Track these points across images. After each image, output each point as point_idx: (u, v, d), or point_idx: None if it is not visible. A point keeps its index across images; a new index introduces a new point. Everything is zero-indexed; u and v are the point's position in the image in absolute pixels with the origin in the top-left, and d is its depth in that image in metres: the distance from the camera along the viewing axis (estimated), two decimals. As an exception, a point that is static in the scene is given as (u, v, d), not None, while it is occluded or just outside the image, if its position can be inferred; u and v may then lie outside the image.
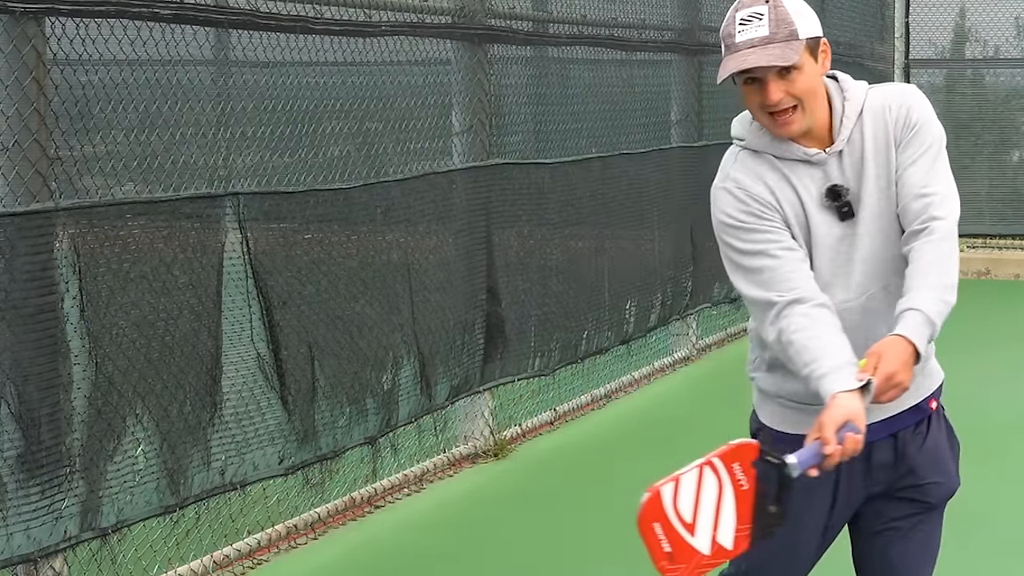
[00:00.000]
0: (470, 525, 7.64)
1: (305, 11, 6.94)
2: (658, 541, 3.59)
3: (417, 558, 7.07)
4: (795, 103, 3.97)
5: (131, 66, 5.99)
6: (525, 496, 8.18)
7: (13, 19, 5.38)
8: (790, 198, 4.06)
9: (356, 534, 7.38)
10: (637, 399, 10.35)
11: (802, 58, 3.94)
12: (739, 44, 3.94)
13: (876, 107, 4.12)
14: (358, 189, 7.33)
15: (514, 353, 8.66)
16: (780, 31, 3.92)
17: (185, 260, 6.23)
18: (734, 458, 3.70)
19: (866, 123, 4.11)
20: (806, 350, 3.88)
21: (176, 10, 6.07)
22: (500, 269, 8.55)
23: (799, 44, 3.93)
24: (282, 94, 7.12)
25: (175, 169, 6.40)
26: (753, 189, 4.06)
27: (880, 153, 4.08)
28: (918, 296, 3.88)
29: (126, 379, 5.89)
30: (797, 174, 4.07)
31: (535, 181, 8.90)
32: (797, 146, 4.04)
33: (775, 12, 3.93)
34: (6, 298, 5.36)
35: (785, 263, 4.00)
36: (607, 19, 9.59)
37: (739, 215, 4.06)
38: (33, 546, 5.52)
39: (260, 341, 6.64)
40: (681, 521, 3.62)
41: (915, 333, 3.80)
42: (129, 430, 5.93)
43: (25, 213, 5.43)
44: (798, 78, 3.95)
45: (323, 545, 7.20)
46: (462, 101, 8.41)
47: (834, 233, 4.08)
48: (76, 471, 5.68)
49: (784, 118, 3.99)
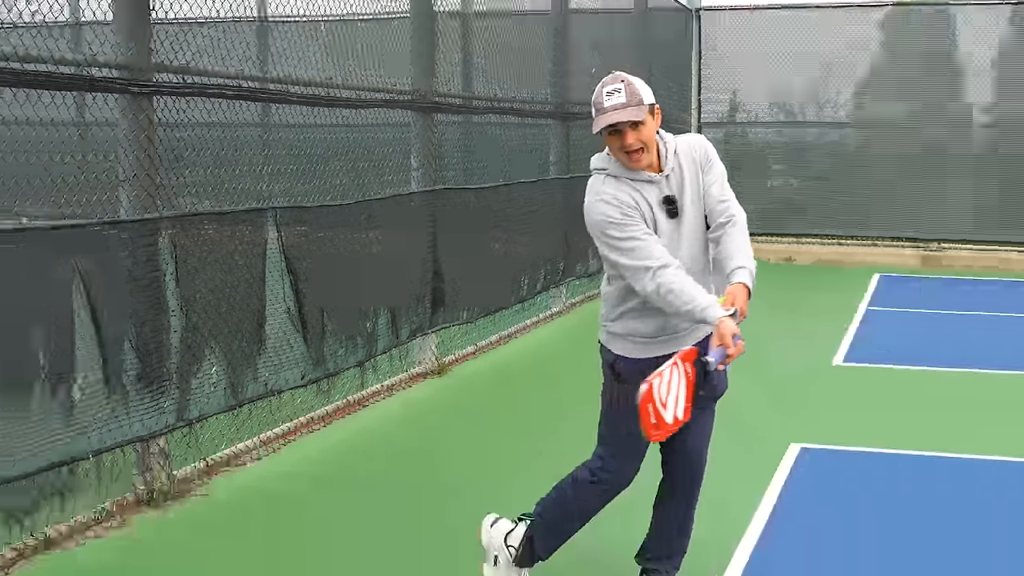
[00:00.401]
0: (424, 419, 7.61)
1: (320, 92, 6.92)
2: (649, 416, 3.71)
3: (392, 440, 7.08)
4: (641, 146, 4.04)
5: (206, 127, 5.96)
6: (458, 401, 8.16)
7: (134, 97, 5.39)
8: (641, 204, 4.11)
9: (351, 424, 7.34)
10: (529, 338, 10.35)
11: (646, 117, 4.03)
12: (607, 108, 4.00)
13: (685, 148, 4.22)
14: (352, 205, 7.30)
15: (450, 309, 8.66)
16: (632, 99, 4.00)
17: (241, 250, 6.20)
18: (686, 358, 3.85)
19: (681, 158, 4.19)
20: (684, 293, 3.94)
21: (238, 91, 6.08)
22: (441, 257, 8.52)
23: (644, 108, 4.02)
24: (304, 144, 7.09)
25: (235, 192, 6.41)
26: (620, 198, 4.10)
27: (692, 177, 4.18)
28: (741, 259, 4.08)
29: (204, 325, 5.88)
30: (644, 190, 4.13)
31: (464, 200, 8.90)
32: (644, 172, 4.11)
33: (628, 87, 4.02)
34: (130, 274, 5.37)
35: (650, 242, 4.05)
36: (509, 97, 9.63)
37: (614, 215, 4.09)
38: (145, 431, 5.54)
39: (289, 301, 6.61)
40: (662, 403, 3.75)
41: (749, 281, 4.00)
42: (206, 357, 5.92)
43: (141, 220, 5.45)
44: (643, 129, 4.03)
45: (329, 431, 7.16)
46: (417, 149, 8.37)
47: (668, 226, 4.14)
48: (173, 383, 5.68)
49: (636, 156, 4.06)
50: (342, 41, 7.24)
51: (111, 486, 5.53)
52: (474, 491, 5.96)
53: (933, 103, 15.87)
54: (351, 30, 7.38)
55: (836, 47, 16.19)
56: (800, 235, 15.27)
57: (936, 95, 15.85)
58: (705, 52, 16.90)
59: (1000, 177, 15.71)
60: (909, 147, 15.99)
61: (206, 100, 5.86)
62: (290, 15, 6.60)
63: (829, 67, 16.41)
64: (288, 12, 6.58)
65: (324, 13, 6.93)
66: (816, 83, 16.63)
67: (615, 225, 4.09)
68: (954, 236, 15.88)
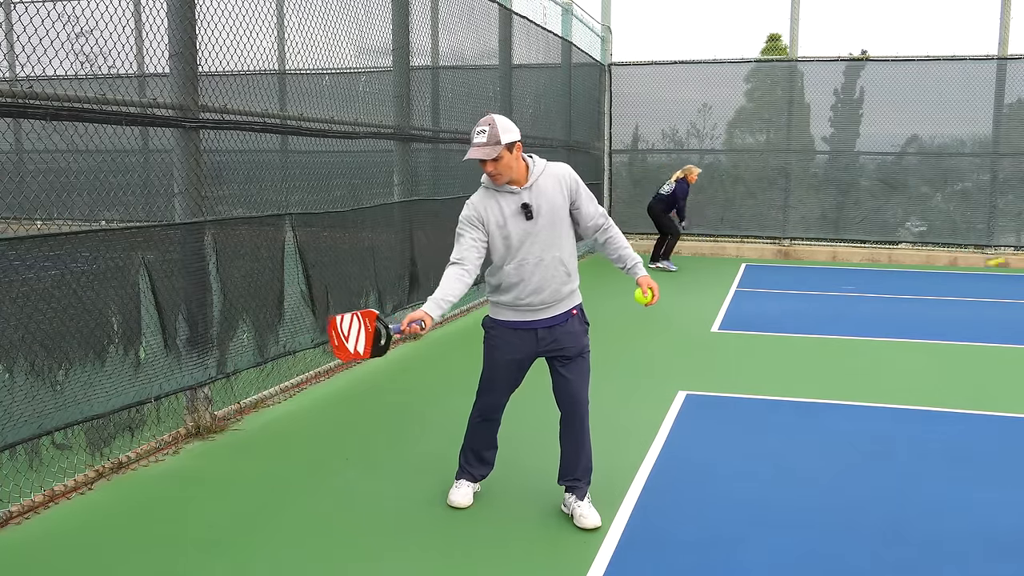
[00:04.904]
0: (404, 368, 7.54)
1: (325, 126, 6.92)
2: (333, 339, 3.99)
3: (375, 384, 7.03)
4: (498, 172, 4.10)
5: (240, 153, 5.95)
6: (431, 352, 8.12)
7: (186, 131, 5.40)
8: (495, 212, 4.17)
9: (348, 376, 7.31)
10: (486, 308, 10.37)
11: (500, 153, 4.05)
12: (474, 144, 4.08)
13: (554, 172, 4.23)
14: (349, 211, 7.29)
15: (422, 289, 8.66)
16: (491, 140, 4.05)
17: (266, 245, 6.21)
18: (366, 315, 4.02)
19: (547, 178, 4.20)
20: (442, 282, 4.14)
21: (263, 126, 6.07)
22: (416, 249, 8.54)
23: (501, 147, 4.05)
24: (312, 166, 7.08)
25: (261, 202, 6.41)
26: (477, 206, 4.20)
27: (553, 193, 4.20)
28: (633, 257, 4.25)
29: (238, 301, 5.89)
30: (503, 199, 4.18)
31: (433, 207, 8.90)
32: (506, 186, 4.15)
33: (491, 129, 4.06)
34: (183, 262, 5.40)
35: (467, 244, 4.18)
36: (465, 130, 9.69)
37: (465, 216, 4.22)
38: (194, 381, 5.57)
39: (302, 284, 6.61)
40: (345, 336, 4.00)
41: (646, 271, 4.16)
42: (239, 326, 5.94)
43: (191, 223, 5.46)
44: (499, 162, 4.07)
45: (333, 381, 7.14)
46: (399, 169, 8.38)
47: (524, 226, 4.16)
48: (214, 345, 5.71)
49: (496, 177, 4.12)
50: (342, 88, 7.23)
51: (168, 423, 5.61)
52: (463, 400, 6.02)
53: (785, 135, 16.11)
54: (349, 80, 7.37)
55: (713, 93, 16.39)
56: (684, 234, 15.39)
57: (787, 129, 16.08)
58: (615, 96, 16.96)
59: (835, 190, 15.99)
60: (768, 168, 16.22)
61: (240, 132, 5.89)
62: (303, 68, 6.61)
63: (707, 108, 16.59)
64: (301, 66, 6.59)
65: (328, 67, 6.95)
66: (697, 120, 16.78)
67: (461, 221, 4.24)
68: (801, 234, 16.13)
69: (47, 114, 4.34)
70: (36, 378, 4.41)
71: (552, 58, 13.35)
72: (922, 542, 4.21)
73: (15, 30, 4.46)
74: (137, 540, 4.22)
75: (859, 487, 4.91)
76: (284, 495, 4.79)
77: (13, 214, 4.69)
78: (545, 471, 4.91)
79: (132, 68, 5.03)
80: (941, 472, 5.15)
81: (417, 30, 8.48)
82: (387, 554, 4.10)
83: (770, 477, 5.05)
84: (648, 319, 9.81)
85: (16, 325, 4.28)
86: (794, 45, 15.82)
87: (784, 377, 7.38)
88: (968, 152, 15.54)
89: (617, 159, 17.09)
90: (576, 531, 4.31)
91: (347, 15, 7.19)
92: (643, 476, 5.04)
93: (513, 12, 11.05)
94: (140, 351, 5.08)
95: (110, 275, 4.85)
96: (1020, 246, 15.34)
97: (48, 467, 4.74)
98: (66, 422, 4.61)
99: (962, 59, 15.21)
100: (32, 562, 4.00)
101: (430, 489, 4.82)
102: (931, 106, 15.30)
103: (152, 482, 4.97)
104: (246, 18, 5.89)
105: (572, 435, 4.41)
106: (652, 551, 4.09)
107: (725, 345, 8.66)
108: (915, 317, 10.21)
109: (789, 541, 4.20)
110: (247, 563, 4.00)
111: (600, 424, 5.47)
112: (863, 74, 15.78)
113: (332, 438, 5.76)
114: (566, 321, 4.31)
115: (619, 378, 7.22)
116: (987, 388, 7.06)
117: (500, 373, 4.40)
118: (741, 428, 5.97)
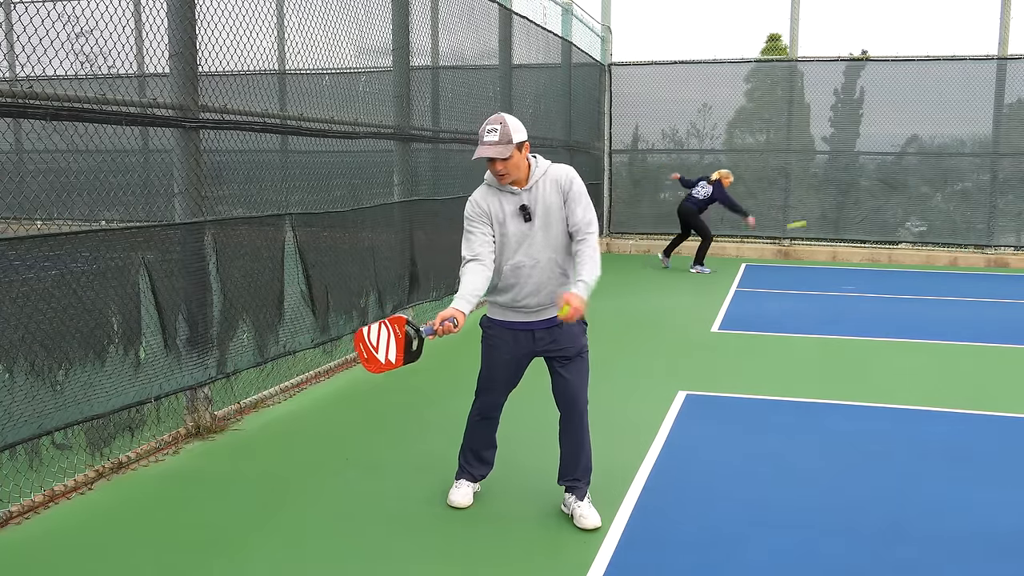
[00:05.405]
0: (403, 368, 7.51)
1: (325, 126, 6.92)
2: (362, 352, 3.93)
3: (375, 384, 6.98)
4: (506, 171, 4.11)
5: (239, 152, 5.95)
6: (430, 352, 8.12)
7: (185, 130, 5.39)
8: (494, 208, 4.19)
9: (348, 376, 7.30)
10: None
11: (512, 152, 4.07)
12: (485, 142, 4.08)
13: (554, 174, 4.22)
14: (349, 211, 7.29)
15: (422, 289, 8.71)
16: (503, 139, 4.06)
17: (266, 245, 6.21)
18: (394, 322, 3.96)
19: (547, 180, 4.20)
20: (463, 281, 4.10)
21: (263, 126, 6.07)
22: (416, 249, 8.56)
23: (512, 146, 4.06)
24: (313, 166, 7.07)
25: (261, 202, 6.40)
26: (480, 203, 4.23)
27: (551, 196, 4.20)
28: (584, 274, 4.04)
29: (238, 301, 5.89)
30: (504, 199, 4.20)
31: (433, 207, 8.91)
32: (508, 186, 4.18)
33: (503, 128, 4.07)
34: (183, 262, 5.39)
35: (478, 239, 4.19)
36: (467, 130, 9.71)
37: (470, 212, 4.24)
38: (194, 381, 5.57)
39: (302, 284, 6.61)
40: (373, 347, 3.92)
41: (584, 293, 3.97)
42: (239, 325, 5.94)
43: (191, 223, 5.46)
44: (509, 161, 4.08)
45: (333, 381, 7.14)
46: (399, 170, 8.38)
47: (522, 228, 4.19)
48: (214, 345, 5.71)
49: (503, 176, 4.13)
50: (342, 88, 7.23)
51: (168, 423, 5.60)
52: (463, 400, 6.02)
53: (785, 135, 16.12)
54: (349, 80, 7.36)
55: (713, 93, 16.39)
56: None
57: (787, 129, 16.09)
58: (615, 96, 16.96)
59: (835, 190, 15.99)
60: (768, 168, 16.22)
61: (240, 132, 5.88)
62: (302, 68, 6.62)
63: (707, 108, 16.59)
64: (301, 66, 6.59)
65: (328, 67, 6.95)
66: (697, 120, 16.77)
67: (467, 219, 4.26)
68: (800, 235, 16.12)
69: (47, 114, 4.34)
70: (36, 378, 4.41)
71: (552, 58, 13.35)
72: (922, 542, 4.21)
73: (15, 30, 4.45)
74: (137, 540, 4.22)
75: (859, 487, 4.90)
76: (284, 495, 4.79)
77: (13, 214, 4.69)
78: (545, 471, 4.90)
79: (132, 68, 5.02)
80: (941, 472, 5.15)
81: (417, 30, 8.49)
82: (387, 554, 4.09)
83: (770, 477, 5.05)
84: (648, 319, 9.83)
85: (16, 325, 4.29)
86: (794, 45, 15.83)
87: (784, 377, 7.38)
88: (968, 152, 15.55)
89: (617, 159, 17.10)
90: (576, 531, 4.31)
91: (347, 15, 7.19)
92: (643, 476, 5.03)
93: (513, 12, 11.06)
94: (140, 351, 5.08)
95: (110, 275, 4.85)
96: (1020, 246, 15.35)
97: (48, 467, 4.74)
98: (66, 422, 4.61)
99: (962, 59, 15.22)
100: (32, 562, 4.00)
101: (430, 489, 4.82)
102: (931, 106, 15.31)
103: (152, 482, 4.96)
104: (246, 18, 5.89)
105: (571, 435, 4.41)
106: (652, 551, 4.09)
107: (725, 345, 8.65)
108: (915, 317, 10.22)
109: (789, 541, 4.20)
110: (247, 563, 4.00)
111: (600, 424, 5.47)
112: (863, 74, 15.79)
113: (332, 438, 5.76)
114: (561, 324, 4.30)
115: (619, 378, 7.22)
116: (987, 388, 7.06)
117: (498, 372, 4.42)
118: (741, 428, 5.96)
